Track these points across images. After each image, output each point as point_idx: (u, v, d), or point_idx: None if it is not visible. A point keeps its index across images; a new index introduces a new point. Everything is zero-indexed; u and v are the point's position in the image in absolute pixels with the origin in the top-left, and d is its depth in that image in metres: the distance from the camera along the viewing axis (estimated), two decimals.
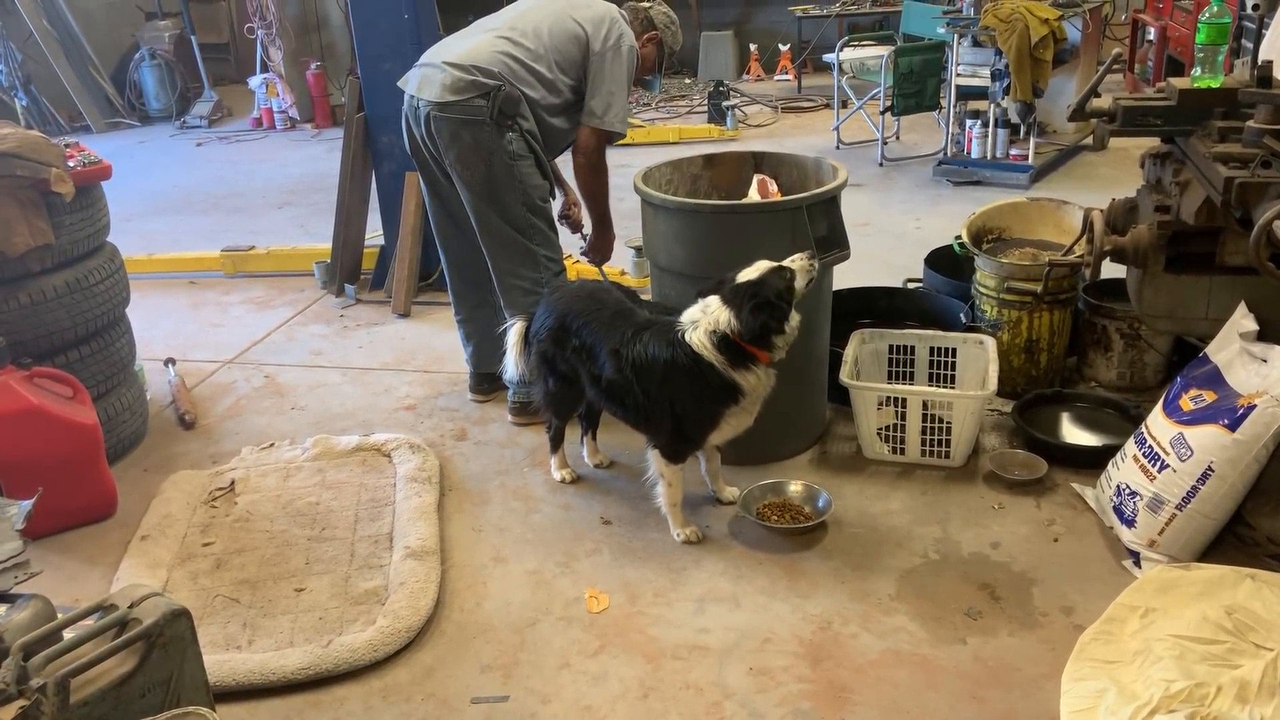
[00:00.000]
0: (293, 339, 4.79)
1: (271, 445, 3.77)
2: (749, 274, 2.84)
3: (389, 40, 4.72)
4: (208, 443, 3.88)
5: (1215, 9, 2.91)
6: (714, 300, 2.86)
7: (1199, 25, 2.94)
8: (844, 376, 3.39)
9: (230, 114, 10.13)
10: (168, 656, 2.04)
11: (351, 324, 4.90)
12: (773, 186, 3.54)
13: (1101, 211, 3.12)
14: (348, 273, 5.25)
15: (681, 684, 2.56)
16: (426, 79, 3.47)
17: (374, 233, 5.37)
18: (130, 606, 2.05)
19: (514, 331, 3.38)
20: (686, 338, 2.84)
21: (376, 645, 2.68)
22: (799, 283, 2.86)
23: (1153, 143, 3.25)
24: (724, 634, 2.72)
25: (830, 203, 3.22)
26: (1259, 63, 2.77)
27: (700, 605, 2.83)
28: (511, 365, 3.38)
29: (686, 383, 2.86)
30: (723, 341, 2.82)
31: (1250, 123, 2.72)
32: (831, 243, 3.24)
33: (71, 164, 3.40)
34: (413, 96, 3.52)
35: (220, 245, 5.84)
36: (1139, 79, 8.28)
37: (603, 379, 2.98)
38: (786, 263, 2.86)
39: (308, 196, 7.19)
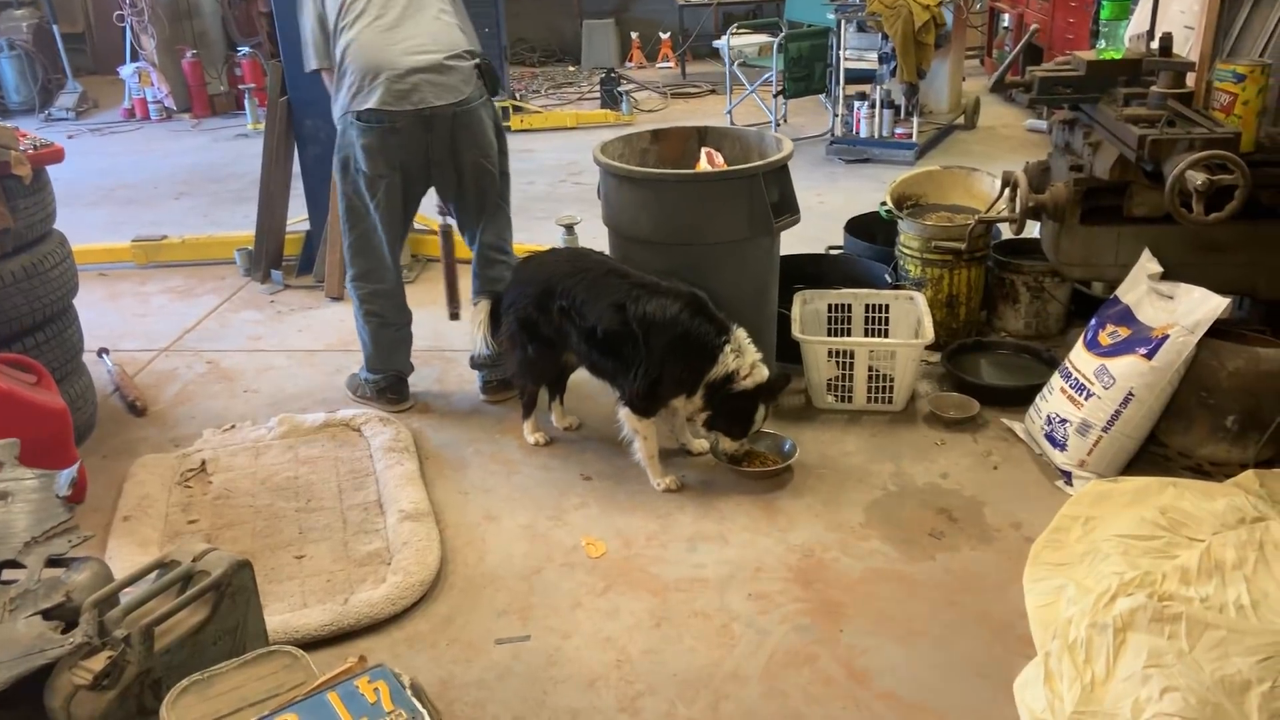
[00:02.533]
0: (226, 325, 4.76)
1: (233, 427, 3.78)
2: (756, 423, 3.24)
3: None
4: (164, 428, 3.85)
5: None
6: (751, 355, 3.16)
7: (1103, 2, 3.32)
8: (796, 333, 3.65)
9: (97, 105, 9.72)
10: (235, 605, 2.12)
11: (285, 309, 4.89)
12: (719, 158, 3.76)
13: (1024, 172, 3.47)
14: (272, 259, 5.21)
15: (689, 612, 2.76)
16: (438, 85, 3.42)
17: (296, 218, 5.36)
18: (194, 561, 2.12)
19: (482, 309, 3.52)
20: (726, 350, 3.12)
21: (394, 599, 2.79)
22: (729, 446, 3.30)
23: (1017, 122, 3.63)
24: (719, 567, 2.94)
25: (782, 171, 3.47)
26: (1160, 34, 3.16)
27: (692, 544, 3.05)
28: (480, 343, 3.52)
29: (686, 353, 3.12)
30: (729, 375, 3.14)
31: (1154, 88, 3.11)
32: (783, 208, 3.49)
33: (22, 147, 3.33)
34: (423, 108, 3.41)
35: (117, 237, 5.71)
36: (997, 63, 8.91)
37: (598, 330, 3.15)
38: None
39: (204, 187, 7.04)
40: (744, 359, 3.14)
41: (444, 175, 3.63)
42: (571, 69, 10.38)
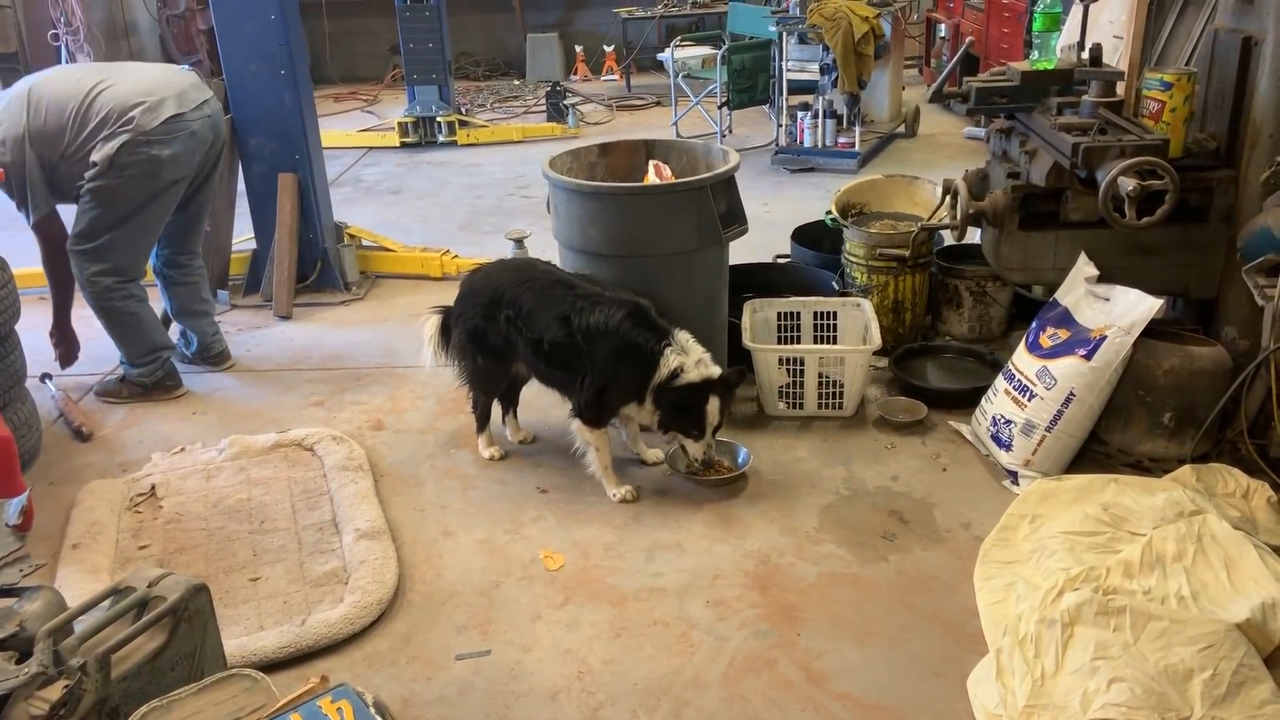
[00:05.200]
0: None
1: (182, 449, 3.74)
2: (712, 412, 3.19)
3: (256, 41, 4.71)
4: (111, 453, 3.79)
5: (1048, 1, 3.39)
6: (696, 353, 3.17)
7: (1035, 14, 3.42)
8: (747, 341, 3.70)
9: None
10: (193, 630, 2.11)
11: (233, 329, 4.84)
12: (667, 171, 3.80)
13: (964, 180, 3.55)
14: (218, 278, 5.15)
15: (649, 621, 2.79)
16: (210, 103, 4.02)
17: (241, 237, 5.31)
18: (149, 586, 2.10)
19: (431, 324, 3.54)
20: (667, 353, 3.13)
21: (352, 619, 2.77)
22: (694, 450, 3.26)
23: (956, 130, 3.74)
24: (676, 576, 2.97)
25: (729, 182, 3.52)
26: (1090, 45, 3.26)
27: (649, 554, 3.07)
28: (429, 357, 3.55)
29: (629, 362, 3.14)
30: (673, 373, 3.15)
31: (1086, 97, 3.21)
32: (731, 219, 3.54)
33: None
34: (211, 115, 4.01)
35: None
36: (935, 72, 9.09)
37: (545, 341, 3.17)
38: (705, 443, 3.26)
39: None
40: (688, 356, 3.15)
41: (207, 179, 4.11)
42: (516, 83, 10.40)
